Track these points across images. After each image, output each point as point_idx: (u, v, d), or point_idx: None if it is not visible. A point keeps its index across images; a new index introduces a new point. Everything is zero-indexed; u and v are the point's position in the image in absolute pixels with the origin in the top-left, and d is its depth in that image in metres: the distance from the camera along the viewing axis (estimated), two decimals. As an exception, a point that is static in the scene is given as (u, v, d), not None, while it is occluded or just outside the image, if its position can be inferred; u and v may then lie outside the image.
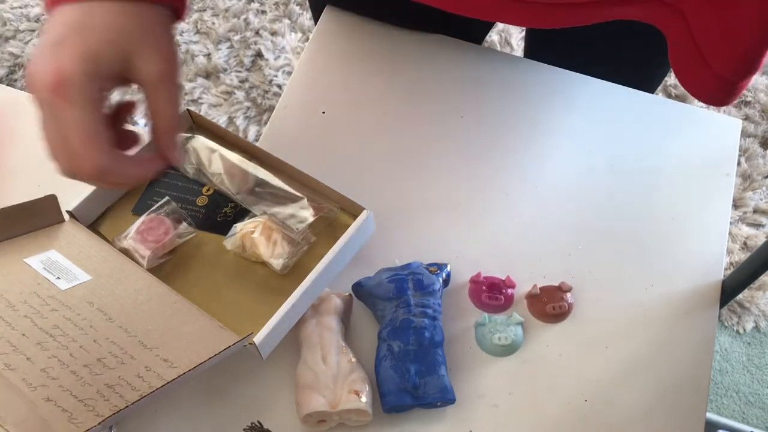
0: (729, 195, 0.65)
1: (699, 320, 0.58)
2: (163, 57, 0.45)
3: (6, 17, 1.48)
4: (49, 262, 0.52)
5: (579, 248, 0.62)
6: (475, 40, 0.74)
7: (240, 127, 1.36)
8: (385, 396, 0.52)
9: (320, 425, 0.52)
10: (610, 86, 0.71)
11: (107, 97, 0.45)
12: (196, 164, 0.59)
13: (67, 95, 0.41)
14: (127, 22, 0.43)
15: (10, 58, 1.44)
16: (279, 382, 0.55)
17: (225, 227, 0.57)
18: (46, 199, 0.55)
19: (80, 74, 0.41)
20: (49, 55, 0.42)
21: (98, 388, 0.42)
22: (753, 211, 1.40)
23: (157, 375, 0.44)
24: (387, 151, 0.67)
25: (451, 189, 0.65)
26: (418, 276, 0.56)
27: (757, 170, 1.43)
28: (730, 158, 0.67)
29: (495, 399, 0.55)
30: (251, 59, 1.44)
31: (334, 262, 0.53)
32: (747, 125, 1.49)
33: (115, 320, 0.48)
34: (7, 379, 0.41)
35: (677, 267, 0.61)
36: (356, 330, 0.58)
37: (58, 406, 0.40)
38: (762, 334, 1.26)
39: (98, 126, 0.43)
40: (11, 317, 0.46)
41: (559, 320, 0.58)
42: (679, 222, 0.63)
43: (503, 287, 0.58)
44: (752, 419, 1.17)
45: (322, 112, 0.68)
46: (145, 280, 0.53)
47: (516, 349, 0.57)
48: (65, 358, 0.43)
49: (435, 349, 0.53)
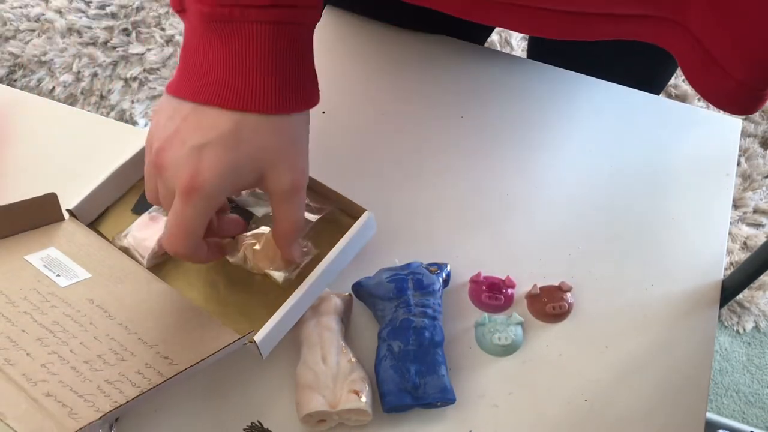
0: (729, 195, 0.65)
1: (699, 320, 0.58)
2: (298, 170, 0.46)
3: (6, 17, 1.48)
4: (49, 259, 0.52)
5: (579, 248, 0.62)
6: (476, 40, 0.74)
7: (240, 127, 1.36)
8: (385, 396, 0.52)
9: (320, 425, 0.52)
10: (610, 86, 0.71)
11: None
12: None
13: (193, 200, 0.42)
14: (272, 140, 0.44)
15: (10, 58, 1.44)
16: (279, 382, 0.55)
17: (225, 226, 0.57)
18: (46, 197, 0.55)
19: (215, 187, 0.42)
20: (188, 153, 0.42)
21: (98, 384, 0.42)
22: (753, 211, 1.40)
23: (157, 372, 0.44)
24: (387, 151, 0.67)
25: (451, 189, 0.65)
26: (418, 276, 0.56)
27: (757, 170, 1.43)
28: (730, 158, 0.67)
29: (495, 399, 0.55)
30: (251, 59, 1.44)
31: (334, 263, 0.53)
32: (747, 125, 1.49)
33: (114, 317, 0.48)
34: (8, 374, 0.41)
35: (677, 267, 0.61)
36: (356, 330, 0.58)
37: (59, 401, 0.40)
38: (762, 334, 1.26)
39: (203, 226, 0.45)
40: (11, 313, 0.46)
41: (559, 320, 0.58)
42: (679, 222, 0.63)
43: (503, 287, 0.58)
44: (752, 419, 1.17)
45: (322, 112, 0.68)
46: (145, 279, 0.53)
47: (516, 349, 0.57)
48: (65, 354, 0.43)
49: (435, 349, 0.53)
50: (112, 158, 0.58)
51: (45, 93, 1.40)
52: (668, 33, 0.52)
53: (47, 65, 1.43)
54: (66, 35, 1.46)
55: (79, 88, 1.40)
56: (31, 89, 1.40)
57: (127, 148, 0.59)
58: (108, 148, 0.65)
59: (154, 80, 1.41)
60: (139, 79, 1.41)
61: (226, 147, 0.42)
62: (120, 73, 1.42)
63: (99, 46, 1.45)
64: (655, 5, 0.50)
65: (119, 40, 1.45)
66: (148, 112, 1.37)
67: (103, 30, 1.45)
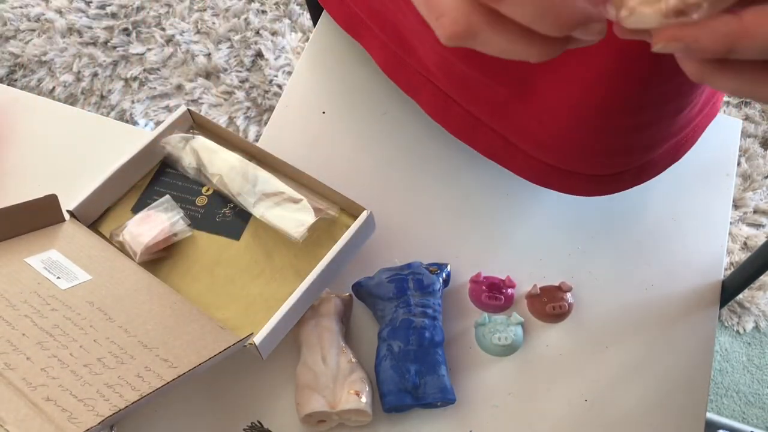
0: (729, 195, 0.65)
1: (699, 320, 0.58)
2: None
3: (6, 17, 1.48)
4: (49, 261, 0.52)
5: (579, 248, 0.62)
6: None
7: (240, 127, 1.36)
8: (385, 396, 0.52)
9: (320, 425, 0.52)
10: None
11: None
12: (196, 164, 0.60)
13: None
14: None
15: (11, 58, 1.44)
16: (279, 382, 0.55)
17: (224, 228, 0.57)
18: (46, 198, 0.55)
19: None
20: None
21: (98, 388, 0.42)
22: (753, 211, 1.40)
23: (157, 375, 0.44)
24: (387, 151, 0.67)
25: (451, 189, 0.65)
26: (418, 276, 0.56)
27: (757, 170, 1.43)
28: (730, 158, 0.67)
29: (495, 399, 0.55)
30: (251, 59, 1.44)
31: (334, 262, 0.53)
32: (747, 125, 1.49)
33: (115, 320, 0.48)
34: (7, 378, 0.41)
35: (677, 267, 0.61)
36: (356, 330, 0.58)
37: (58, 406, 0.40)
38: (762, 334, 1.26)
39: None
40: (11, 316, 0.46)
41: (559, 320, 0.58)
42: (679, 222, 0.63)
43: (503, 287, 0.58)
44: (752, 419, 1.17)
45: (322, 112, 0.68)
46: (146, 281, 0.53)
47: (516, 349, 0.57)
48: (65, 358, 0.43)
49: (435, 349, 0.53)
50: (112, 158, 0.58)
51: (45, 93, 1.40)
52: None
53: (47, 65, 1.43)
54: (66, 35, 1.46)
55: (80, 88, 1.40)
56: (31, 89, 1.40)
57: (127, 148, 0.59)
58: (108, 148, 0.65)
59: (154, 80, 1.41)
60: (139, 79, 1.41)
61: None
62: (120, 73, 1.42)
63: (99, 46, 1.45)
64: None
65: (119, 40, 1.44)
66: (148, 112, 1.37)
67: (104, 30, 1.45)
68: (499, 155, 0.58)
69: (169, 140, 0.60)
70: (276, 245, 0.56)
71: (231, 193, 0.57)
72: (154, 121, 1.35)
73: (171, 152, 0.60)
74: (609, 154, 0.52)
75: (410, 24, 0.53)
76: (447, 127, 0.60)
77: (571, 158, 0.53)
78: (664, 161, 0.57)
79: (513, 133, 0.54)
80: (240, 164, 0.58)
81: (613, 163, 0.54)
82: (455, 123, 0.59)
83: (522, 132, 0.53)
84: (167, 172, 0.61)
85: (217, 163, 0.58)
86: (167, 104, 1.38)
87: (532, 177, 0.57)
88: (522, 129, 0.53)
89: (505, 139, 0.56)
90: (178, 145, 0.60)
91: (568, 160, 0.53)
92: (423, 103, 0.61)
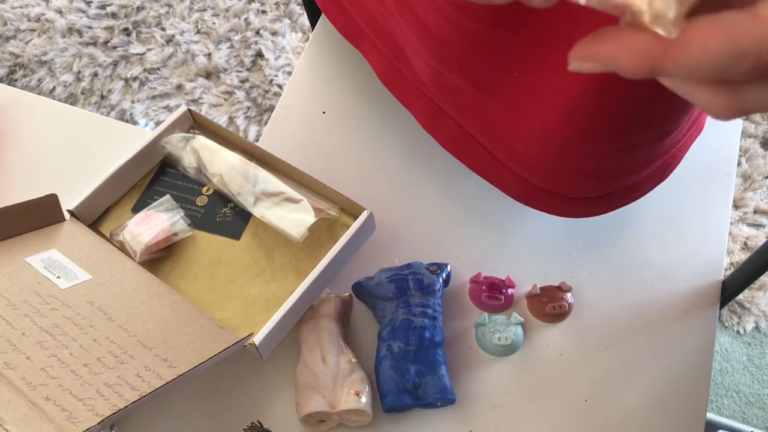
0: (729, 195, 0.65)
1: (699, 320, 0.58)
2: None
3: (6, 17, 1.48)
4: (49, 261, 0.52)
5: (579, 248, 0.62)
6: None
7: (240, 127, 1.36)
8: (385, 396, 0.52)
9: (320, 425, 0.52)
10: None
11: None
12: (196, 164, 0.60)
13: None
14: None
15: (11, 58, 1.44)
16: (279, 382, 0.55)
17: (224, 227, 0.57)
18: (47, 198, 0.55)
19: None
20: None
21: (98, 388, 0.42)
22: (753, 212, 1.40)
23: (157, 375, 0.44)
24: (387, 151, 0.67)
25: (451, 189, 0.65)
26: (418, 276, 0.56)
27: (757, 170, 1.43)
28: (730, 158, 0.67)
29: (495, 399, 0.55)
30: (251, 59, 1.44)
31: (334, 262, 0.53)
32: (747, 125, 1.49)
33: (114, 320, 0.48)
34: (7, 377, 0.41)
35: (677, 267, 0.61)
36: (356, 330, 0.58)
37: (58, 405, 0.40)
38: (762, 334, 1.26)
39: None
40: (11, 316, 0.46)
41: (559, 320, 0.58)
42: (679, 222, 0.63)
43: (503, 287, 0.58)
44: (752, 419, 1.17)
45: (322, 112, 0.68)
46: (146, 280, 0.53)
47: (516, 349, 0.57)
48: (65, 357, 0.43)
49: (435, 349, 0.53)
50: (113, 158, 0.58)
51: (45, 93, 1.40)
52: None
53: (48, 65, 1.43)
54: (66, 35, 1.46)
55: (80, 88, 1.40)
56: (31, 89, 1.40)
57: (128, 147, 0.59)
58: (108, 148, 0.65)
59: (155, 80, 1.41)
60: (139, 79, 1.41)
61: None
62: (120, 73, 1.42)
63: (99, 46, 1.45)
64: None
65: (119, 40, 1.44)
66: (149, 112, 1.37)
67: (104, 30, 1.45)
68: (487, 172, 0.58)
69: (170, 140, 0.60)
70: (276, 245, 0.56)
71: (231, 192, 0.57)
72: (155, 121, 1.35)
73: (171, 152, 0.60)
74: (594, 177, 0.52)
75: (405, 35, 0.53)
76: (438, 139, 0.60)
77: (557, 181, 0.53)
78: (651, 181, 0.57)
79: (501, 152, 0.55)
80: (240, 164, 0.58)
81: (600, 186, 0.54)
82: (447, 136, 0.59)
83: (510, 152, 0.53)
84: (167, 172, 0.61)
85: (218, 163, 0.58)
86: (167, 104, 1.38)
87: (519, 196, 0.57)
88: (510, 149, 0.53)
89: (494, 156, 0.56)
90: (179, 144, 0.60)
91: (553, 182, 0.54)
92: (416, 114, 0.61)
